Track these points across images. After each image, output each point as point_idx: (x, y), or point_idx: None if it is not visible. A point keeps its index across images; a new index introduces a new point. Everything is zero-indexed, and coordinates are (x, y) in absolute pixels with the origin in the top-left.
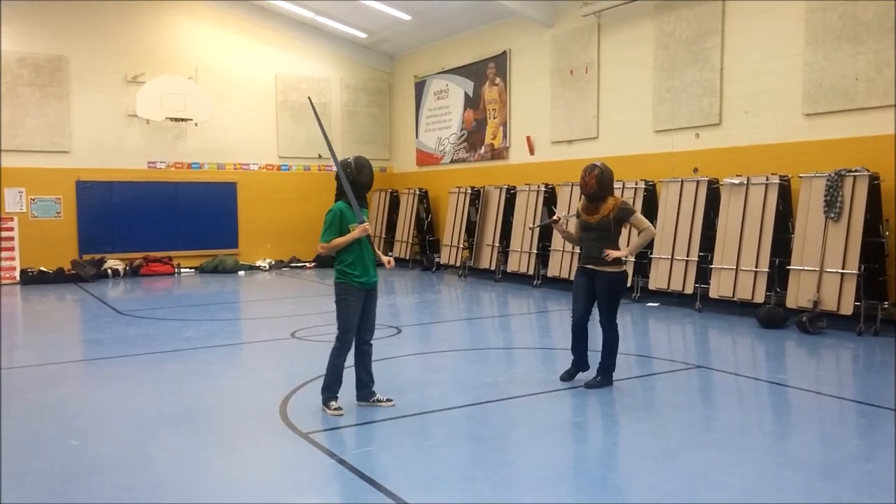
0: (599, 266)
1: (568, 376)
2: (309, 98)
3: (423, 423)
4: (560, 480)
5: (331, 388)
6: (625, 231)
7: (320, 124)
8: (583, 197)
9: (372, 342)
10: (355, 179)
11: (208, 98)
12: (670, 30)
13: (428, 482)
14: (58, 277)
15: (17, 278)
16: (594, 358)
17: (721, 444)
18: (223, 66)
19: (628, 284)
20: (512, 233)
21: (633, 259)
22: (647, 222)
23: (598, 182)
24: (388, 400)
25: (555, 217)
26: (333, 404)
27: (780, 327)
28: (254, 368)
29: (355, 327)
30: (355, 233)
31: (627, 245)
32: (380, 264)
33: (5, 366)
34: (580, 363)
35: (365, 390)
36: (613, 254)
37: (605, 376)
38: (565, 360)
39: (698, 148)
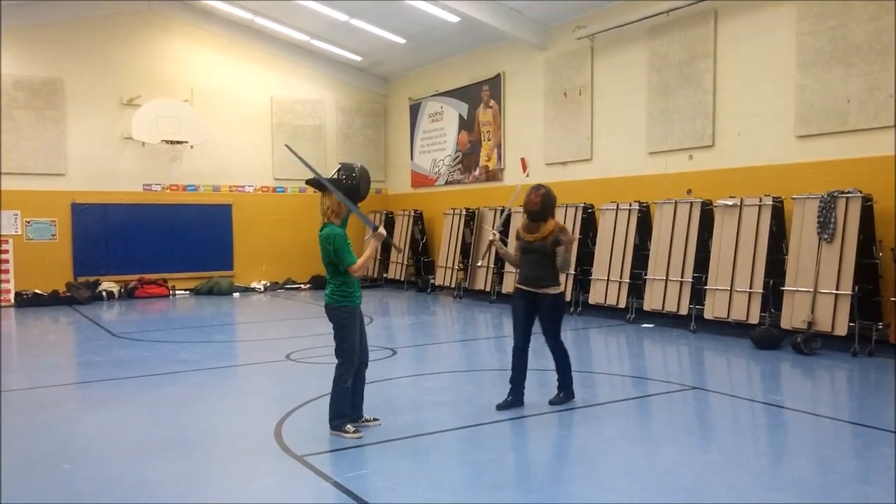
0: (541, 288)
1: (507, 405)
2: (286, 145)
3: (417, 446)
4: (554, 502)
5: (343, 414)
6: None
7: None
8: (524, 217)
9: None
10: (357, 184)
11: (204, 121)
12: (663, 52)
13: None
14: (53, 300)
15: (12, 301)
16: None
17: (716, 465)
18: (218, 88)
19: (623, 306)
20: None
21: (628, 280)
22: (570, 259)
23: (542, 201)
24: (375, 419)
25: (490, 237)
26: (351, 428)
27: (774, 348)
28: (248, 391)
29: (358, 348)
30: (374, 241)
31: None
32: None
33: None
34: (520, 392)
35: (356, 412)
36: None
37: (566, 391)
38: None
39: (692, 169)
